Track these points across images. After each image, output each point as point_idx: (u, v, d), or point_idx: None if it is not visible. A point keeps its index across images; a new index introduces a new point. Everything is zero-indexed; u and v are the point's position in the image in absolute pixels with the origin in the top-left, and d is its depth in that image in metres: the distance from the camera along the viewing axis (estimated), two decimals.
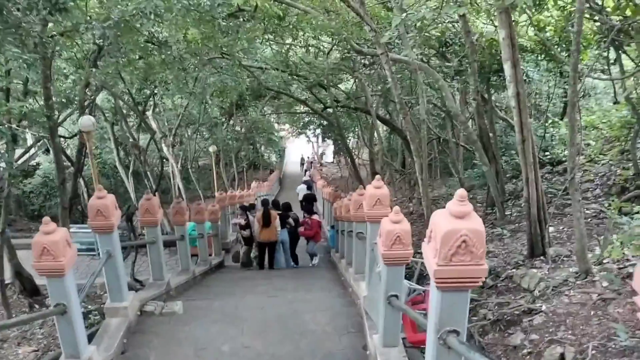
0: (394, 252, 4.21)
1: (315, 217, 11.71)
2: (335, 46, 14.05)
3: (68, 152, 17.27)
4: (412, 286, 5.32)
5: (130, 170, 17.81)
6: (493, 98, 11.55)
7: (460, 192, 2.53)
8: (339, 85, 19.36)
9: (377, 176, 5.49)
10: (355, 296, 6.79)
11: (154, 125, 20.68)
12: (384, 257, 4.26)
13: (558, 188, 9.40)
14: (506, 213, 9.41)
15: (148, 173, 17.32)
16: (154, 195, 7.60)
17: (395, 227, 4.22)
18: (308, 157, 45.33)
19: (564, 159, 10.60)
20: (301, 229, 11.38)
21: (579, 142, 11.15)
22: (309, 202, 13.60)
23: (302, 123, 37.86)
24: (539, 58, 10.46)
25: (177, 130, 20.81)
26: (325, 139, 40.71)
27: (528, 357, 4.39)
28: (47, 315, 4.54)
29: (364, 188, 6.83)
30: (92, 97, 12.43)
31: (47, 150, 21.24)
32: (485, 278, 7.09)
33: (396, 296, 4.44)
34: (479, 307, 5.80)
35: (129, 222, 11.34)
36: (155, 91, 17.53)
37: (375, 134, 20.13)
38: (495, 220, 9.45)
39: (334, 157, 45.39)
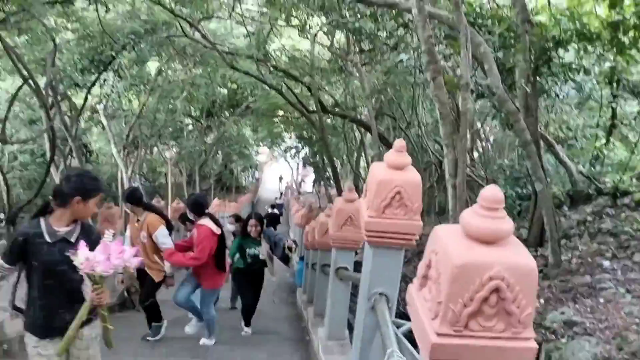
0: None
1: (204, 221, 5.14)
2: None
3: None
4: None
5: (60, 168, 14.50)
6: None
7: (398, 141, 2.28)
8: (326, 89, 16.55)
9: (398, 141, 2.42)
10: None
11: (104, 122, 17.54)
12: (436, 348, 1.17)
13: (634, 228, 6.35)
14: (563, 258, 6.17)
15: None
16: None
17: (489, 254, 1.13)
18: (287, 182, 42.67)
19: (630, 188, 7.57)
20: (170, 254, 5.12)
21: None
22: (272, 223, 10.57)
23: (284, 147, 35.01)
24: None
25: (130, 131, 17.59)
26: (306, 164, 37.82)
27: None
28: None
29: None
30: None
31: None
32: None
33: None
34: None
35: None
36: (104, 77, 14.43)
37: (364, 154, 17.30)
38: (546, 267, 6.10)
39: (313, 187, 42.42)
